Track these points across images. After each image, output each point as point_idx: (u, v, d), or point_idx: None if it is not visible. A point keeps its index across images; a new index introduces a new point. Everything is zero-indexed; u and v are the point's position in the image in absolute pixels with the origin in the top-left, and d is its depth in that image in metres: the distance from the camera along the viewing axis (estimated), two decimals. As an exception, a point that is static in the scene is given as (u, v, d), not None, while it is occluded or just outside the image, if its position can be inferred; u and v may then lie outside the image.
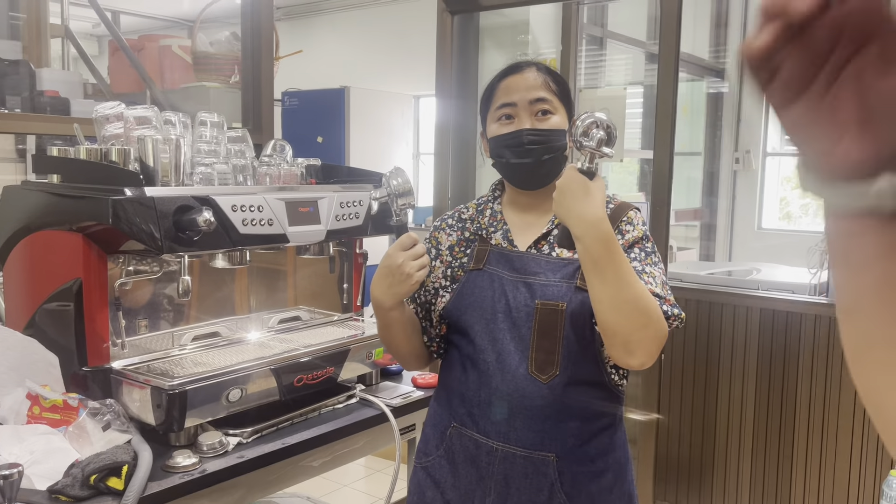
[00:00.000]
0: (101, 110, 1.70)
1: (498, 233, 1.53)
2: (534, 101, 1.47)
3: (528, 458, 1.44)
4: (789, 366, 2.64)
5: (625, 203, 1.53)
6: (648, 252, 1.45)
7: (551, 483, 1.43)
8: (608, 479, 1.46)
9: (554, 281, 1.44)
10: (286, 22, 7.84)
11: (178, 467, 1.42)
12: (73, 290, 1.50)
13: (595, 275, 1.31)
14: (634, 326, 1.32)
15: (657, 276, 1.42)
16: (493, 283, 1.48)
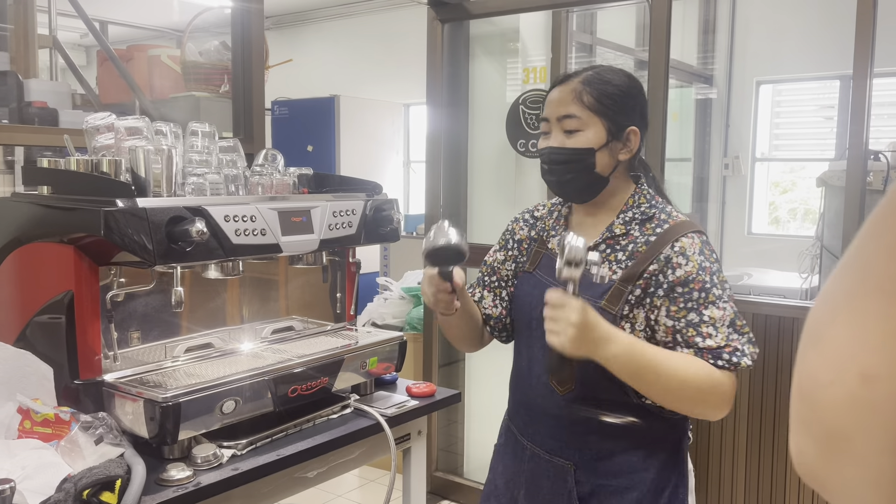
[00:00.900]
0: (91, 121, 1.68)
1: (556, 237, 1.55)
2: (561, 118, 1.45)
3: (550, 462, 1.50)
4: (782, 370, 2.65)
5: (683, 223, 1.45)
6: (707, 288, 1.37)
7: (570, 490, 1.46)
8: (632, 497, 1.43)
9: (584, 297, 1.38)
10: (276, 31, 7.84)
11: (173, 480, 1.40)
12: (64, 302, 1.48)
13: (636, 384, 1.34)
14: (690, 405, 1.37)
15: (719, 318, 1.36)
16: (538, 289, 1.47)
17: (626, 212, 1.48)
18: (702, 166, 5.29)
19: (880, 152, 2.60)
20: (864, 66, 2.46)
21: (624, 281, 1.41)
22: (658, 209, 1.48)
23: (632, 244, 1.45)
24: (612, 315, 1.39)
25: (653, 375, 1.31)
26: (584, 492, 1.45)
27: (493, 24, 3.52)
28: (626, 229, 1.46)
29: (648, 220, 1.46)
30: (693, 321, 1.35)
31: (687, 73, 5.03)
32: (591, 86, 1.45)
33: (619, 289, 1.41)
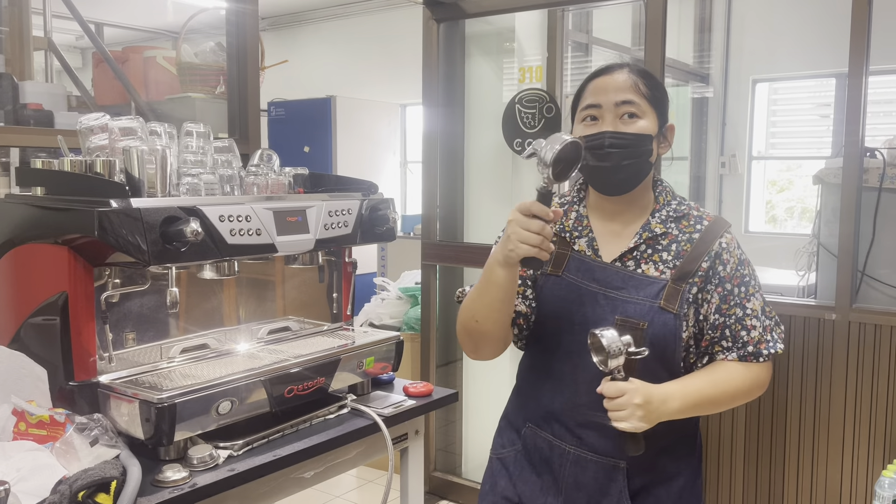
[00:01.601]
0: (85, 122, 1.68)
1: (583, 239, 1.51)
2: (620, 104, 1.43)
3: (599, 463, 1.47)
4: (780, 368, 2.65)
5: (720, 220, 1.51)
6: (747, 282, 1.47)
7: (620, 489, 1.46)
8: (679, 483, 1.51)
9: (637, 298, 1.42)
10: (271, 32, 7.84)
11: (168, 482, 1.39)
12: (58, 303, 1.48)
13: (696, 415, 1.47)
14: (735, 404, 1.49)
15: (757, 308, 1.46)
16: (572, 292, 1.47)
17: (660, 210, 1.49)
18: (698, 165, 5.29)
19: (876, 149, 2.60)
20: (860, 64, 2.46)
21: (678, 279, 1.43)
22: (686, 206, 1.52)
23: (674, 243, 1.46)
24: (674, 315, 1.41)
25: (709, 405, 1.44)
26: (635, 487, 1.47)
27: (488, 23, 3.51)
28: (665, 228, 1.47)
29: (683, 218, 1.49)
30: (739, 316, 1.44)
31: (683, 72, 5.04)
32: (644, 77, 1.47)
33: (675, 288, 1.42)
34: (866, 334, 2.49)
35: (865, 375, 2.49)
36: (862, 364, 2.50)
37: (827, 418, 2.57)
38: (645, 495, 1.48)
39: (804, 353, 2.60)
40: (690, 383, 1.43)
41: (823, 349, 2.57)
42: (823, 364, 2.57)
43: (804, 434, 2.62)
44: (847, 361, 2.52)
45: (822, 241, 2.73)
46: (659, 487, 1.49)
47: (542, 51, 3.31)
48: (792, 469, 2.66)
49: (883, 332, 2.45)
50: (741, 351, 1.45)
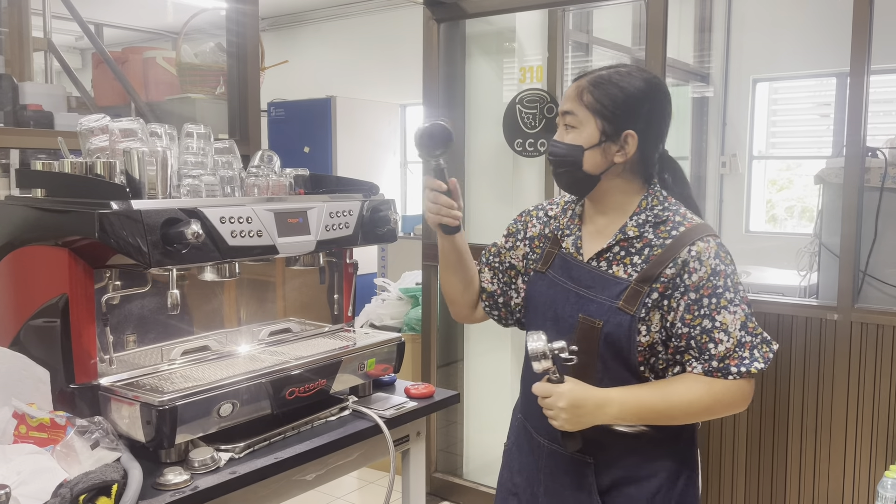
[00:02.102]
0: (85, 123, 1.67)
1: (571, 237, 1.56)
2: (563, 114, 1.50)
3: (570, 459, 1.51)
4: (781, 368, 2.64)
5: (698, 227, 1.47)
6: (720, 293, 1.40)
7: (590, 484, 1.49)
8: (653, 484, 1.48)
9: (601, 297, 1.45)
10: (271, 32, 7.83)
11: (170, 485, 1.39)
12: (59, 305, 1.47)
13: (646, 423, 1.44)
14: (703, 418, 1.47)
15: (730, 322, 1.39)
16: (551, 289, 1.54)
17: (640, 214, 1.48)
18: (699, 165, 5.29)
19: (878, 149, 2.59)
20: (862, 64, 2.46)
21: (641, 282, 1.42)
22: (672, 212, 1.48)
23: (647, 247, 1.45)
24: (630, 316, 1.41)
25: (655, 415, 1.41)
26: (604, 484, 1.48)
27: (489, 23, 3.51)
28: (639, 232, 1.47)
29: (662, 223, 1.47)
30: (706, 327, 1.39)
31: (683, 72, 5.03)
32: (596, 86, 1.46)
33: (636, 290, 1.42)
34: (868, 334, 2.48)
35: (867, 376, 2.49)
36: (864, 364, 2.49)
37: (829, 419, 2.57)
38: (616, 493, 1.49)
39: (806, 353, 2.60)
40: (637, 393, 1.42)
41: (825, 349, 2.56)
42: (825, 364, 2.57)
43: (806, 434, 2.62)
44: (849, 362, 2.52)
45: (823, 241, 2.72)
46: (630, 486, 1.48)
47: (543, 51, 3.30)
48: (794, 469, 2.65)
49: (885, 332, 2.45)
50: (706, 364, 1.40)
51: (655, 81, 1.50)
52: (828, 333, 2.55)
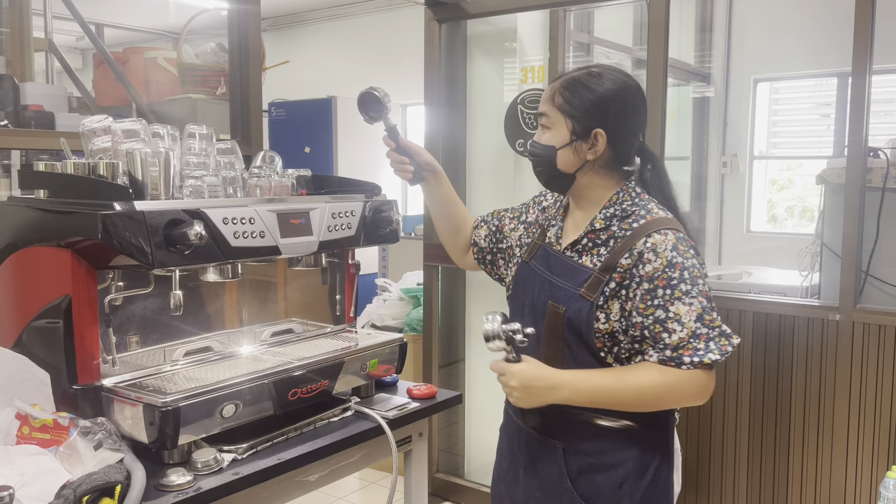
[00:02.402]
0: (88, 124, 1.67)
1: (554, 228, 1.66)
2: (539, 115, 1.60)
3: (542, 442, 1.58)
4: (783, 368, 2.64)
5: (658, 220, 1.50)
6: (674, 284, 1.42)
7: (560, 468, 1.55)
8: (618, 474, 1.52)
9: (567, 285, 1.53)
10: (272, 32, 7.83)
11: (173, 486, 1.39)
12: (61, 306, 1.47)
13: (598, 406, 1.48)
14: (655, 406, 1.48)
15: (685, 313, 1.41)
16: (530, 277, 1.62)
17: (609, 208, 1.55)
18: (700, 164, 5.28)
19: (880, 149, 2.59)
20: (864, 64, 2.46)
21: (602, 271, 1.49)
22: (639, 206, 1.54)
23: (611, 238, 1.52)
24: (590, 303, 1.48)
25: (607, 399, 1.46)
26: (574, 469, 1.54)
27: (490, 23, 3.51)
28: (605, 224, 1.54)
29: (627, 217, 1.52)
30: (660, 318, 1.42)
31: (684, 72, 5.03)
32: (568, 87, 1.54)
33: (598, 278, 1.49)
34: (870, 335, 2.48)
35: (869, 376, 2.49)
36: (866, 365, 2.49)
37: (831, 419, 2.57)
38: (585, 481, 1.53)
39: (808, 353, 2.60)
40: (591, 376, 1.47)
41: (827, 350, 2.56)
42: (827, 365, 2.56)
43: (808, 435, 2.62)
44: (851, 362, 2.52)
45: (825, 242, 2.72)
46: (598, 474, 1.52)
47: (544, 51, 3.30)
48: (796, 470, 2.65)
49: (887, 332, 2.45)
50: (661, 354, 1.42)
51: (626, 82, 1.55)
52: (829, 334, 2.55)
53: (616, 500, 1.51)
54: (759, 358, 2.69)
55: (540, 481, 1.59)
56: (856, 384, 2.51)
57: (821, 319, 2.57)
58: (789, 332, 2.63)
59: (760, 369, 2.69)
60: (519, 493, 1.65)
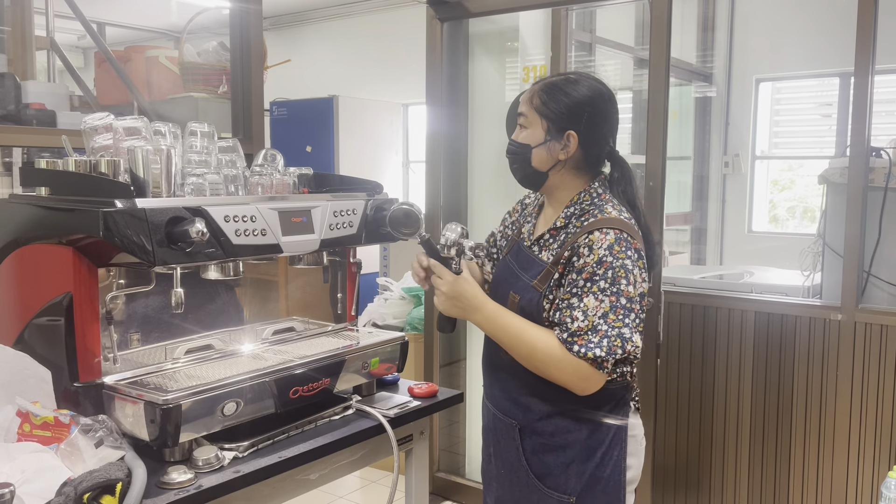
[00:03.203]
0: (89, 121, 1.67)
1: (528, 224, 1.76)
2: (518, 115, 1.68)
3: (503, 421, 1.70)
4: (785, 368, 2.64)
5: (605, 220, 1.58)
6: (595, 280, 1.51)
7: (517, 446, 1.66)
8: (567, 455, 1.62)
9: (525, 276, 1.66)
10: (274, 31, 7.83)
11: (174, 483, 1.39)
12: (63, 304, 1.47)
13: (499, 343, 1.61)
14: (540, 370, 1.57)
15: (592, 308, 1.50)
16: (503, 271, 1.75)
17: (570, 207, 1.66)
18: (702, 164, 5.28)
19: (882, 149, 2.59)
20: (866, 63, 2.46)
21: (553, 264, 1.61)
22: (596, 206, 1.62)
23: (565, 234, 1.64)
24: (540, 293, 1.60)
25: (506, 338, 1.59)
26: (528, 449, 1.65)
27: (492, 22, 3.50)
28: (565, 222, 1.65)
29: (582, 215, 1.63)
30: (572, 304, 1.53)
31: (686, 72, 5.02)
32: (545, 90, 1.64)
33: (549, 271, 1.61)
34: (872, 335, 2.48)
35: (871, 376, 2.48)
36: (868, 365, 2.49)
37: (833, 419, 2.57)
38: (537, 461, 1.64)
39: (810, 353, 2.59)
40: (506, 316, 1.60)
41: (829, 350, 2.56)
42: (829, 365, 2.56)
43: (810, 435, 2.61)
44: (853, 362, 2.51)
45: (827, 241, 2.72)
46: (549, 454, 1.63)
47: (546, 50, 3.30)
48: (798, 468, 2.65)
49: (889, 332, 2.44)
50: (561, 334, 1.53)
51: (600, 89, 1.66)
52: (831, 334, 2.55)
53: (564, 479, 1.62)
54: (760, 358, 2.69)
55: (503, 459, 1.71)
56: (857, 384, 2.51)
57: (822, 319, 2.56)
58: (791, 332, 2.62)
59: (762, 369, 2.69)
60: (492, 471, 1.77)
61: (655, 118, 2.75)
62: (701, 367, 2.81)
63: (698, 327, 2.82)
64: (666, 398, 2.88)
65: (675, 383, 2.86)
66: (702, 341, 2.80)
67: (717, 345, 2.77)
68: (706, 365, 2.80)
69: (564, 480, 1.62)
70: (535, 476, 1.64)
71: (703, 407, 2.82)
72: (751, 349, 2.70)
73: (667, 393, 2.88)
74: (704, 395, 2.81)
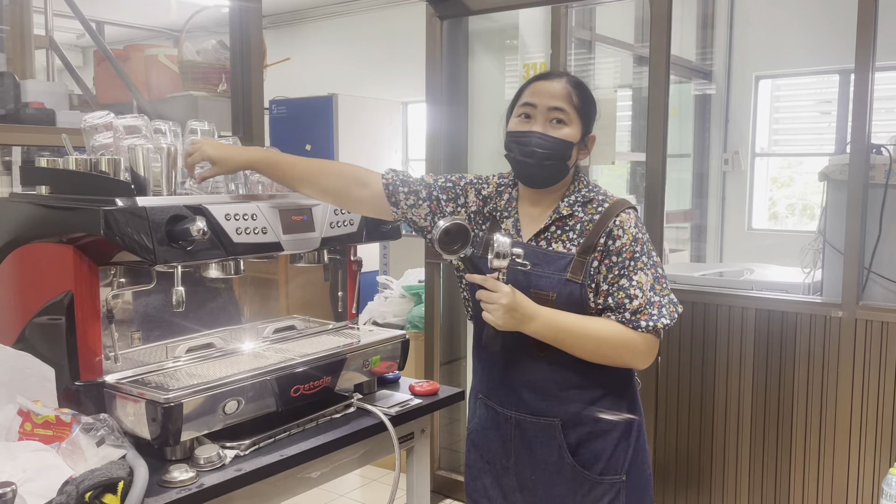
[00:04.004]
0: (89, 120, 1.67)
1: (510, 219, 1.69)
2: (552, 109, 1.60)
3: (537, 424, 1.63)
4: (785, 365, 2.64)
5: (619, 202, 1.64)
6: (637, 257, 1.56)
7: (559, 444, 1.62)
8: (613, 437, 1.63)
9: (548, 272, 1.60)
10: (273, 30, 7.82)
11: (175, 482, 1.39)
12: (64, 303, 1.47)
13: (560, 347, 1.55)
14: (609, 359, 1.57)
15: (644, 281, 1.56)
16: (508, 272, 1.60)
17: (570, 196, 1.65)
18: (701, 162, 5.28)
19: (882, 146, 2.58)
20: (866, 60, 2.45)
21: (582, 253, 1.59)
22: (595, 192, 1.67)
23: (579, 223, 1.62)
24: (580, 284, 1.57)
25: (571, 339, 1.54)
26: (572, 442, 1.62)
27: (492, 20, 3.50)
28: (571, 210, 1.63)
29: (589, 203, 1.64)
30: (624, 286, 1.55)
31: (686, 69, 5.02)
32: (578, 89, 1.63)
33: (580, 261, 1.58)
34: (873, 332, 2.48)
35: (872, 373, 2.48)
36: (869, 362, 2.49)
37: (833, 416, 2.57)
38: (583, 450, 1.62)
39: (811, 350, 2.59)
40: (562, 317, 1.55)
41: (830, 347, 2.56)
42: (830, 362, 2.56)
43: (811, 431, 2.61)
44: (854, 359, 2.51)
45: (827, 238, 2.72)
46: (595, 442, 1.62)
47: (546, 48, 3.29)
48: (798, 466, 2.65)
49: (890, 329, 2.44)
50: (621, 316, 1.55)
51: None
52: (832, 331, 2.55)
53: (614, 461, 1.62)
54: (761, 355, 2.69)
55: (536, 463, 1.65)
56: (858, 381, 2.51)
57: (823, 316, 2.56)
58: (791, 329, 2.62)
59: (763, 366, 2.69)
60: (509, 483, 1.69)
61: (655, 116, 2.74)
62: (701, 365, 2.81)
63: (699, 325, 2.82)
64: (667, 395, 2.88)
65: (676, 381, 2.86)
66: (702, 339, 2.80)
67: (718, 342, 2.77)
68: (706, 362, 2.80)
69: (614, 462, 1.63)
70: (583, 468, 1.62)
71: (704, 404, 2.82)
72: (751, 346, 2.70)
73: (667, 390, 2.88)
74: (705, 393, 2.81)
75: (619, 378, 1.65)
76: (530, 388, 1.63)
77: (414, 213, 1.74)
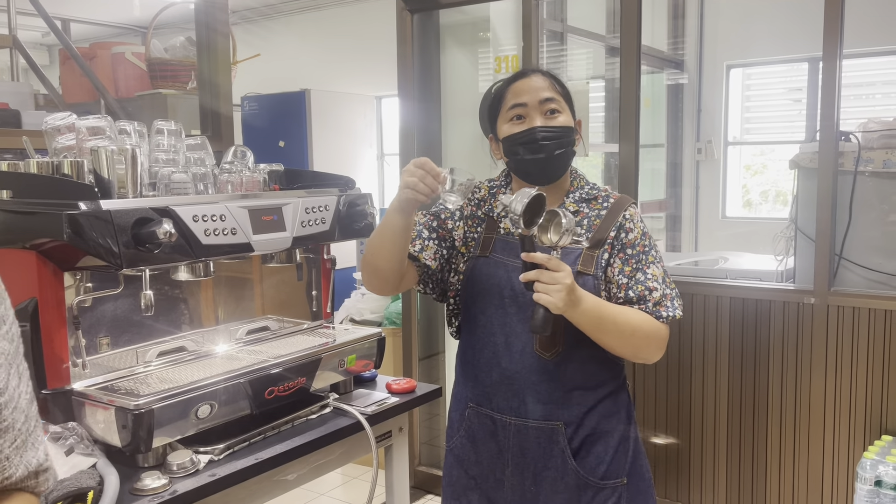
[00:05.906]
0: (51, 121, 1.63)
1: (507, 219, 1.65)
2: (543, 101, 1.60)
3: (540, 429, 1.61)
4: (760, 352, 2.66)
5: (624, 197, 1.68)
6: (648, 251, 1.61)
7: (562, 449, 1.60)
8: (614, 439, 1.63)
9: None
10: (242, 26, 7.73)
11: (148, 490, 1.36)
12: (28, 310, 1.44)
13: (598, 334, 1.53)
14: (637, 350, 1.58)
15: (658, 274, 1.60)
16: (500, 269, 1.63)
17: (574, 192, 1.67)
18: (675, 151, 5.30)
19: (851, 133, 2.61)
20: (834, 48, 2.47)
21: (592, 247, 1.61)
22: (596, 190, 1.70)
23: (585, 219, 1.64)
24: (592, 276, 1.59)
25: (612, 325, 1.53)
26: (575, 446, 1.61)
27: (463, 13, 3.48)
28: (577, 207, 1.66)
29: (593, 199, 1.67)
30: (640, 279, 1.59)
31: (658, 59, 5.04)
32: (555, 79, 1.66)
33: (590, 254, 1.60)
34: (844, 317, 2.50)
35: (845, 358, 2.51)
36: (841, 347, 2.52)
37: (808, 401, 2.59)
38: (585, 454, 1.61)
39: (784, 337, 2.62)
40: (601, 301, 1.55)
41: (802, 333, 2.58)
42: (803, 348, 2.59)
43: (786, 417, 2.64)
44: (826, 344, 2.54)
45: (799, 226, 2.74)
46: (597, 445, 1.62)
47: (518, 40, 3.28)
48: (774, 451, 2.68)
49: (861, 314, 2.47)
50: (644, 307, 1.59)
51: None
52: (805, 317, 2.57)
53: (615, 463, 1.62)
54: (736, 342, 2.71)
55: (536, 472, 1.61)
56: (831, 366, 2.54)
57: (796, 303, 2.59)
58: (765, 317, 2.65)
59: (738, 353, 2.71)
60: (503, 497, 1.65)
61: (628, 106, 2.75)
62: (678, 353, 2.83)
63: (674, 314, 2.83)
64: (644, 384, 2.90)
65: (653, 369, 2.88)
66: (678, 327, 2.82)
67: (693, 331, 2.79)
68: (682, 351, 2.82)
69: (615, 465, 1.62)
70: (586, 473, 1.60)
71: (681, 392, 2.84)
72: (727, 334, 2.72)
73: (644, 379, 2.90)
74: (682, 381, 2.83)
75: (617, 379, 1.67)
76: (534, 392, 1.59)
77: (425, 257, 1.67)
